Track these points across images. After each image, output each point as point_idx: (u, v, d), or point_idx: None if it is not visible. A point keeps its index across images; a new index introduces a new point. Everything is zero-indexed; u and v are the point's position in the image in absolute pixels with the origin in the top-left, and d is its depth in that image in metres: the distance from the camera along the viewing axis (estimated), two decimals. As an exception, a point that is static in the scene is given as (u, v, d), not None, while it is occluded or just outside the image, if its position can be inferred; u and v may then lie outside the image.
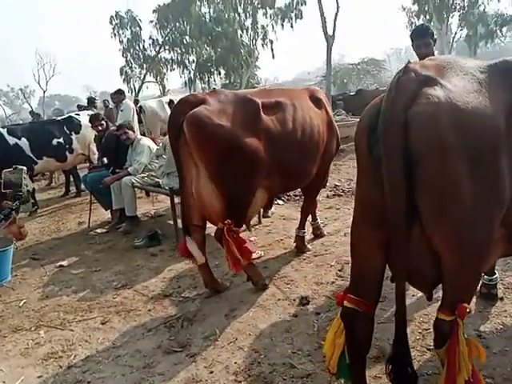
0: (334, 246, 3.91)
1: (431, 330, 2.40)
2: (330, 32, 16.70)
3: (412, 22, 27.16)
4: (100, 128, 5.41)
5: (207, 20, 25.49)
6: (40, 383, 2.49)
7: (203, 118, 2.72)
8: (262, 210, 4.70)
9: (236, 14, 25.60)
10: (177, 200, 4.52)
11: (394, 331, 1.63)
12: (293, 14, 24.05)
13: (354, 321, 1.64)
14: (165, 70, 29.88)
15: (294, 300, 3.00)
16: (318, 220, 4.21)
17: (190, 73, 28.88)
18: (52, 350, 2.81)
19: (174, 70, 29.53)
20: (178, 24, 27.13)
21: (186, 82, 29.44)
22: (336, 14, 17.11)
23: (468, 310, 1.54)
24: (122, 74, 28.89)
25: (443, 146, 1.32)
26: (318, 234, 4.14)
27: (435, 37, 3.28)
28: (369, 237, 1.61)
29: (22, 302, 3.49)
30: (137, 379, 2.41)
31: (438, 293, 1.74)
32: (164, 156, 4.70)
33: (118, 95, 8.71)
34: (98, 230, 5.23)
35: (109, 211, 5.62)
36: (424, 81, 1.37)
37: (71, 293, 3.60)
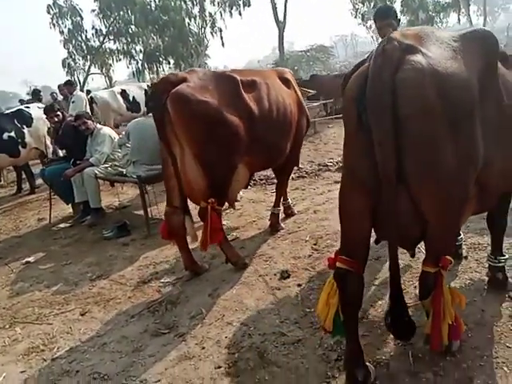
0: (306, 223, 4.04)
1: (407, 290, 2.60)
2: (280, 18, 16.80)
3: (357, 9, 27.87)
4: (56, 119, 5.17)
5: (153, 8, 24.77)
6: (25, 378, 2.42)
7: (187, 95, 2.72)
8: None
9: (182, 2, 25.07)
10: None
11: (390, 287, 1.75)
12: (241, 2, 23.92)
13: (346, 280, 1.74)
14: (110, 61, 28.83)
15: (275, 275, 3.10)
16: (289, 200, 4.32)
17: (137, 63, 28.04)
18: (32, 344, 2.73)
19: (120, 60, 28.56)
20: (121, 13, 26.15)
21: (133, 73, 28.57)
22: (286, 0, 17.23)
23: (451, 262, 1.69)
24: (64, 67, 27.52)
25: (427, 109, 1.43)
26: (289, 213, 4.25)
27: (399, 18, 3.18)
28: (357, 202, 1.70)
29: (-9, 301, 3.34)
30: (128, 363, 2.41)
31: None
32: (128, 144, 4.60)
33: (68, 86, 8.39)
34: (61, 225, 5.05)
35: (70, 205, 5.44)
36: (406, 49, 1.47)
37: (43, 287, 3.48)
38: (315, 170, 6.22)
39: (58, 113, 5.19)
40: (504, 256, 2.38)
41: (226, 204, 3.45)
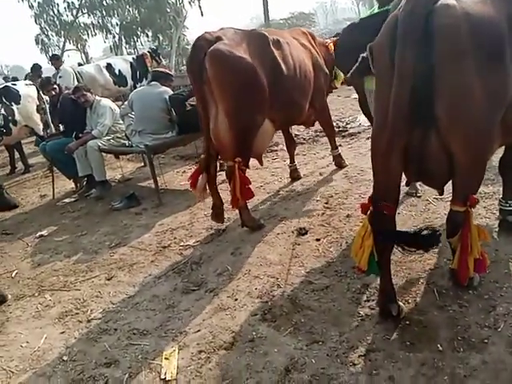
0: (314, 184, 4.16)
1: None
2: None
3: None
4: (53, 93, 5.11)
5: (127, -22, 23.84)
6: (65, 338, 2.51)
7: (225, 52, 2.85)
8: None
9: (157, -29, 24.14)
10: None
11: None
12: (218, -31, 23.18)
13: (381, 221, 1.87)
14: (85, 36, 27.86)
15: (293, 232, 3.23)
16: (296, 163, 4.43)
17: (114, 37, 27.14)
18: (64, 309, 2.82)
19: (95, 35, 27.62)
20: (94, -16, 25.12)
21: (110, 48, 27.68)
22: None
23: (478, 200, 1.83)
24: (37, 44, 26.50)
25: (463, 53, 1.53)
26: (295, 176, 4.37)
27: None
28: (389, 144, 1.80)
29: (15, 273, 3.40)
30: (164, 319, 2.52)
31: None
32: (131, 114, 4.60)
33: (55, 61, 8.19)
34: (67, 200, 5.06)
35: (71, 180, 5.45)
36: None
37: (64, 257, 3.55)
38: (312, 136, 6.30)
39: (55, 86, 5.12)
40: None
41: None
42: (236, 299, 2.55)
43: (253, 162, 5.36)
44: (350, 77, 3.35)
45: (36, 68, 8.81)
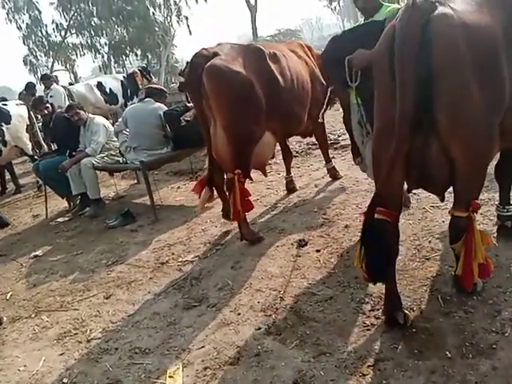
0: (310, 196, 4.17)
1: (423, 245, 2.77)
2: (252, 2, 16.73)
3: (321, -9, 27.95)
4: (46, 111, 5.09)
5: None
6: (65, 360, 2.46)
7: (221, 67, 2.92)
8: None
9: (145, -8, 24.45)
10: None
11: None
12: (206, -12, 23.58)
13: (385, 229, 1.88)
14: (74, 56, 27.98)
15: (292, 244, 3.22)
16: (292, 174, 4.45)
17: (103, 56, 27.28)
18: (63, 330, 2.75)
19: (84, 55, 27.75)
20: (82, 5, 25.32)
21: (99, 67, 27.80)
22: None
23: (479, 205, 1.85)
24: (26, 64, 26.51)
25: (460, 60, 1.56)
26: (291, 187, 4.38)
27: None
28: (392, 151, 1.82)
29: (9, 295, 3.33)
30: (166, 336, 2.48)
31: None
32: (125, 131, 4.59)
33: (45, 81, 8.18)
34: (60, 219, 5.00)
35: (65, 199, 5.39)
36: (435, 2, 1.59)
37: (60, 277, 3.49)
38: (305, 149, 6.35)
39: (48, 105, 5.10)
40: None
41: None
42: (239, 314, 2.52)
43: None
44: (333, 89, 3.41)
45: (30, 86, 8.77)
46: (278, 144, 4.26)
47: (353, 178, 4.37)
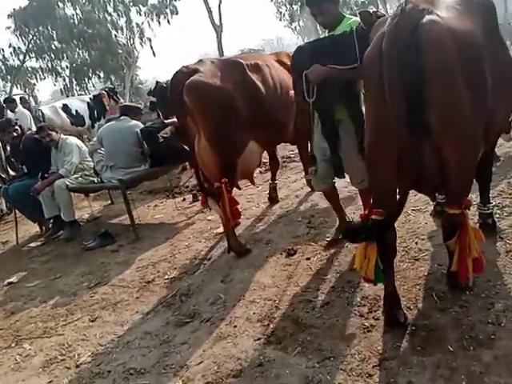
0: (292, 206, 4.20)
1: (410, 246, 2.84)
2: (217, 22, 16.98)
3: (281, 12, 28.75)
4: (15, 134, 4.91)
5: (76, 22, 23.84)
6: (54, 388, 2.33)
7: (200, 83, 2.99)
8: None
9: (107, 14, 24.38)
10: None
11: None
12: (168, 10, 23.75)
13: (382, 230, 1.92)
14: (34, 80, 27.33)
15: (281, 254, 3.21)
16: (277, 182, 4.49)
17: (64, 80, 26.79)
18: (48, 357, 2.61)
19: (44, 78, 27.16)
20: (41, 29, 24.89)
21: (61, 90, 27.24)
22: (220, 2, 17.42)
23: (471, 202, 1.92)
24: (-17, 89, 25.67)
25: (451, 64, 1.65)
26: (273, 196, 4.41)
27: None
28: (384, 155, 1.88)
29: (-16, 325, 3.13)
30: (160, 355, 2.39)
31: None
32: (101, 150, 4.50)
33: (8, 104, 7.94)
34: (32, 244, 4.79)
35: (36, 224, 5.19)
36: (423, 10, 1.67)
37: (39, 303, 3.32)
38: (280, 163, 6.40)
39: (16, 127, 4.93)
40: (491, 203, 2.69)
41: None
42: (235, 326, 2.47)
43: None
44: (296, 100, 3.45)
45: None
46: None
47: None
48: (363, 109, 2.79)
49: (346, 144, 2.77)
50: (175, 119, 4.11)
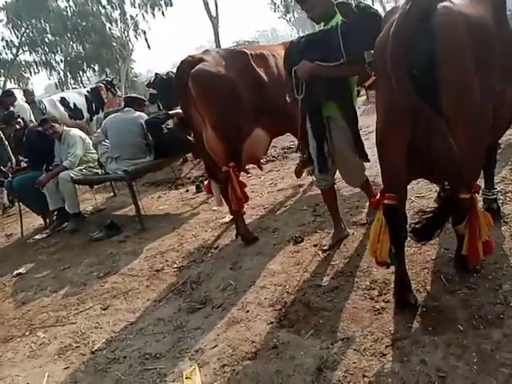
0: (297, 196, 4.25)
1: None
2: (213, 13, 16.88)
3: (275, 3, 28.63)
4: (18, 126, 4.91)
5: (70, 15, 23.62)
6: (71, 373, 2.37)
7: (205, 72, 3.05)
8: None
9: (101, 7, 24.17)
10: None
11: None
12: (162, 2, 23.59)
13: (394, 213, 1.96)
14: (28, 74, 27.12)
15: (288, 241, 3.26)
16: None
17: (58, 73, 26.60)
18: (63, 344, 2.66)
19: (38, 72, 26.96)
20: (34, 22, 24.65)
21: (56, 84, 27.06)
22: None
23: (480, 187, 1.97)
24: (-24, 84, 25.41)
25: (464, 47, 1.68)
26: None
27: None
28: (394, 140, 1.92)
29: (-3, 315, 3.17)
30: (175, 340, 2.44)
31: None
32: (105, 142, 4.51)
33: (7, 98, 7.87)
34: (38, 236, 4.82)
35: (40, 216, 5.21)
36: None
37: (50, 293, 3.36)
38: (281, 154, 6.46)
39: (19, 120, 4.93)
40: (496, 189, 2.75)
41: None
42: (247, 311, 2.53)
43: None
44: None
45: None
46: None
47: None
48: (356, 105, 2.83)
49: (337, 141, 2.78)
50: (179, 110, 4.14)
